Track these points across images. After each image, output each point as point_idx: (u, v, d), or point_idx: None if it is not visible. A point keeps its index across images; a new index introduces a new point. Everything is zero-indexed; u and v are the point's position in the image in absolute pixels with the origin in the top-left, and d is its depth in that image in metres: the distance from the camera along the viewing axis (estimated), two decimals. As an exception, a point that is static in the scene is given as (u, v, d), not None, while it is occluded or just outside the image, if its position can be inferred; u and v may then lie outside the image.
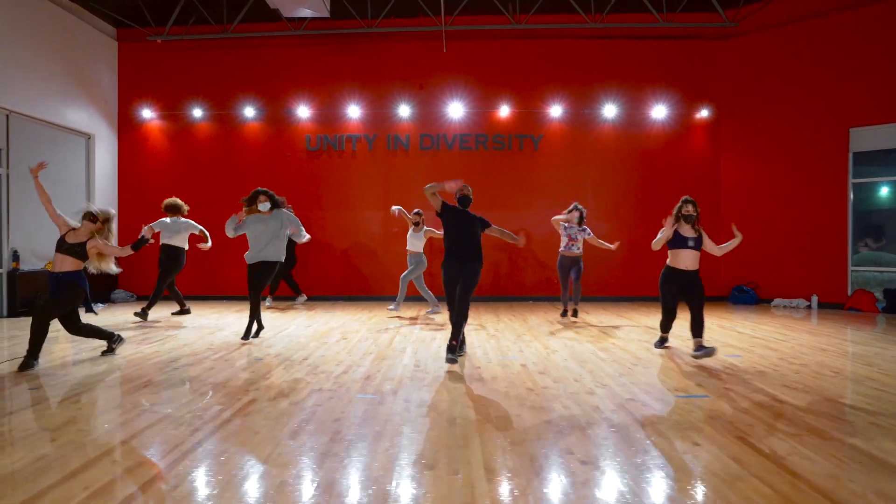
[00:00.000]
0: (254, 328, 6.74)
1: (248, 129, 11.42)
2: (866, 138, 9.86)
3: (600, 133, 11.24)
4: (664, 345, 6.30)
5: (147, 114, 11.34)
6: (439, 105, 11.19)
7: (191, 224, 8.50)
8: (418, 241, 8.80)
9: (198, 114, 11.30)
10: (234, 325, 7.92)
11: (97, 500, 2.60)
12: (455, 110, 11.13)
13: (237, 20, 10.65)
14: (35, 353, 5.24)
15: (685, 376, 5.01)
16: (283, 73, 11.34)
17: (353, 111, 11.20)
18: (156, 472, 2.90)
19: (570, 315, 8.21)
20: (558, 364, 5.47)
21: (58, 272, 5.31)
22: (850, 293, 9.94)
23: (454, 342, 5.27)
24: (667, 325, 6.12)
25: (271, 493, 2.68)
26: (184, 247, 8.49)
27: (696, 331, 5.60)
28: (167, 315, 8.83)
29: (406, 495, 2.66)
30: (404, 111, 11.16)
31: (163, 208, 8.48)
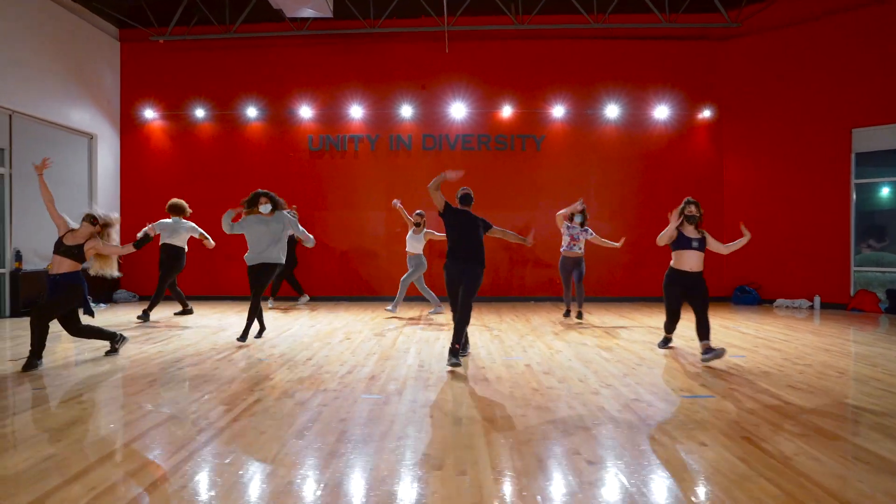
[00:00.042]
0: (251, 331, 6.65)
1: (251, 130, 11.43)
2: (869, 139, 9.85)
3: (603, 133, 11.24)
4: (668, 345, 6.30)
5: (149, 114, 11.34)
6: (442, 105, 11.18)
7: (192, 227, 8.48)
8: (418, 243, 8.77)
9: (200, 114, 11.30)
10: (237, 325, 7.91)
11: (103, 500, 2.59)
12: (457, 110, 11.12)
13: (240, 20, 10.66)
14: (38, 354, 5.24)
15: (690, 377, 5.00)
16: (286, 73, 11.34)
17: (356, 111, 11.20)
18: (162, 473, 2.89)
19: (575, 318, 8.17)
20: (563, 364, 5.47)
21: (55, 274, 5.30)
22: (852, 294, 9.94)
23: (456, 346, 5.24)
24: (671, 327, 6.11)
25: (279, 494, 2.67)
26: (183, 247, 8.47)
27: (703, 333, 5.52)
28: (169, 315, 8.83)
29: (414, 496, 2.65)
30: (407, 111, 11.15)
31: (166, 208, 8.47)
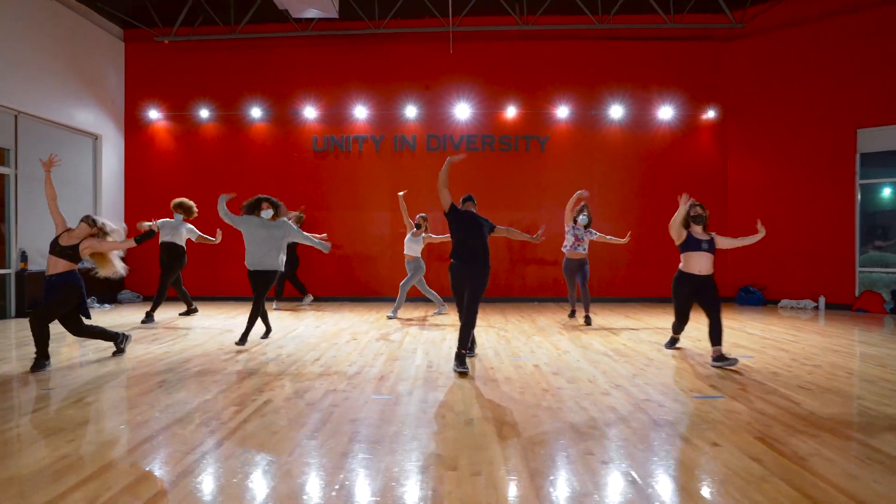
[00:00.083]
0: (251, 334, 6.59)
1: (255, 130, 11.43)
2: (873, 139, 9.84)
3: (607, 134, 11.24)
4: (675, 346, 6.30)
5: (154, 114, 11.35)
6: (446, 106, 11.19)
7: (191, 229, 8.45)
8: (416, 246, 8.73)
9: (205, 114, 11.30)
10: (243, 325, 7.88)
11: (120, 501, 2.59)
12: (462, 111, 11.12)
13: (244, 21, 10.66)
14: (44, 355, 5.24)
15: (699, 377, 5.00)
16: (290, 73, 11.35)
17: (360, 112, 11.20)
18: (177, 473, 2.89)
19: (584, 322, 8.10)
20: (571, 365, 5.47)
21: (51, 275, 5.26)
22: (857, 294, 9.93)
23: (463, 351, 5.18)
24: (679, 328, 6.10)
25: (294, 494, 2.67)
26: (183, 245, 8.41)
27: (715, 338, 5.44)
28: (174, 316, 8.82)
29: (430, 496, 2.65)
30: (411, 112, 11.16)
31: (172, 206, 8.45)
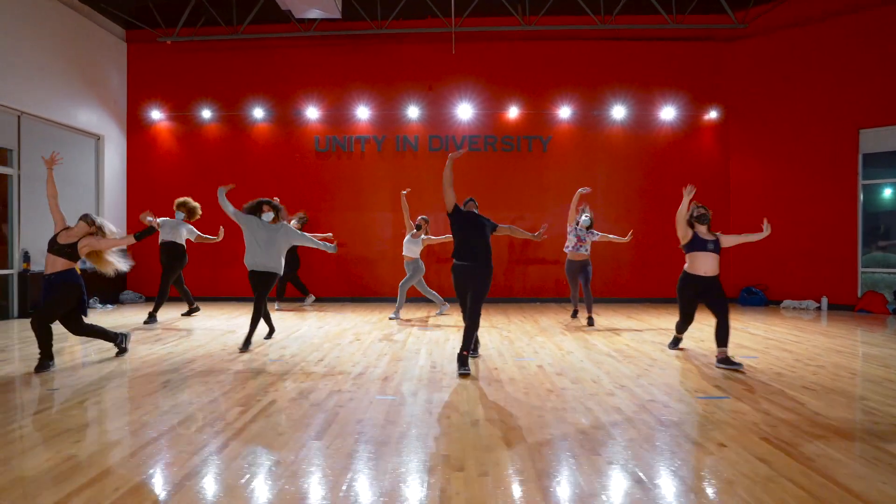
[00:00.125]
0: (254, 336, 6.54)
1: (257, 130, 11.43)
2: (876, 140, 9.83)
3: (609, 134, 11.24)
4: (678, 346, 6.29)
5: (156, 115, 11.35)
6: (448, 106, 11.19)
7: (191, 229, 8.45)
8: (415, 247, 8.72)
9: (207, 115, 11.30)
10: (246, 326, 7.87)
11: (128, 501, 2.59)
12: (464, 111, 11.12)
13: (247, 21, 10.66)
14: (48, 355, 5.24)
15: (703, 378, 5.00)
16: (293, 74, 11.35)
17: (363, 112, 11.20)
18: (184, 474, 2.89)
19: (587, 324, 8.09)
20: (575, 365, 5.46)
21: (49, 273, 5.25)
22: (859, 295, 9.92)
23: (465, 352, 5.17)
24: (682, 328, 6.10)
25: (301, 495, 2.67)
26: (183, 244, 8.40)
27: (722, 339, 5.40)
28: (176, 316, 8.83)
29: (438, 497, 2.65)
30: (413, 112, 11.16)
31: (175, 205, 8.46)
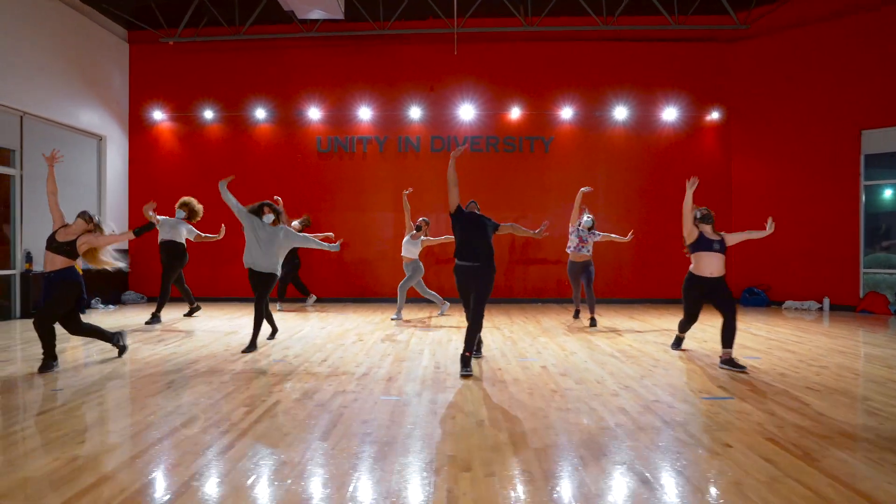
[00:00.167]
0: (258, 341, 6.52)
1: (260, 131, 11.44)
2: (878, 141, 9.83)
3: (611, 135, 11.24)
4: (680, 346, 6.30)
5: (158, 115, 11.36)
6: (450, 107, 11.19)
7: (191, 229, 8.45)
8: (414, 248, 8.71)
9: (209, 115, 11.31)
10: (248, 326, 7.89)
11: (134, 502, 2.60)
12: (466, 112, 11.13)
13: (249, 22, 10.67)
14: (52, 356, 5.25)
15: (707, 378, 5.00)
16: (295, 74, 11.36)
17: (365, 113, 11.20)
18: (190, 474, 2.89)
19: (589, 325, 8.09)
20: (578, 366, 5.46)
21: (49, 271, 5.24)
22: (861, 296, 9.92)
23: (468, 353, 5.15)
24: (685, 327, 6.10)
25: (308, 495, 2.68)
26: (183, 242, 8.39)
27: (727, 340, 5.38)
28: (178, 317, 8.83)
29: (445, 497, 2.65)
30: (415, 113, 11.16)
31: (177, 205, 8.46)
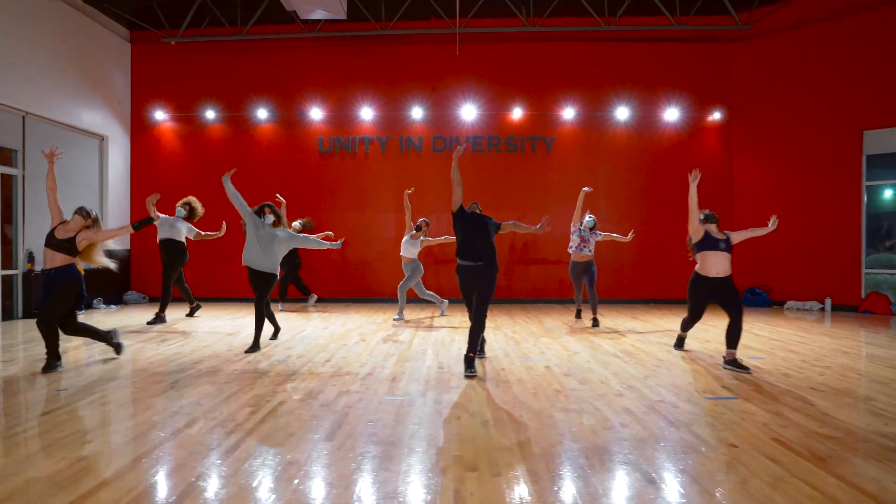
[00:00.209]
0: (261, 339, 6.55)
1: (261, 131, 11.44)
2: (880, 141, 9.83)
3: (613, 135, 11.24)
4: (683, 346, 6.30)
5: (160, 115, 11.36)
6: (452, 107, 11.19)
7: (190, 227, 8.44)
8: (413, 248, 8.70)
9: (211, 115, 11.31)
10: (250, 326, 7.89)
11: (142, 502, 2.60)
12: (468, 112, 11.13)
13: (251, 22, 10.68)
14: (55, 356, 5.25)
15: (711, 378, 5.00)
16: (297, 74, 11.36)
17: (366, 113, 11.21)
18: (196, 474, 2.90)
19: (591, 325, 8.09)
20: (582, 366, 5.47)
21: (49, 269, 5.22)
22: (863, 296, 9.92)
23: (472, 354, 5.16)
24: (688, 325, 6.10)
25: (314, 495, 2.68)
26: (182, 241, 8.38)
27: (732, 340, 5.35)
28: (180, 317, 8.84)
29: (452, 497, 2.65)
30: (417, 113, 11.16)
31: (179, 204, 8.48)
